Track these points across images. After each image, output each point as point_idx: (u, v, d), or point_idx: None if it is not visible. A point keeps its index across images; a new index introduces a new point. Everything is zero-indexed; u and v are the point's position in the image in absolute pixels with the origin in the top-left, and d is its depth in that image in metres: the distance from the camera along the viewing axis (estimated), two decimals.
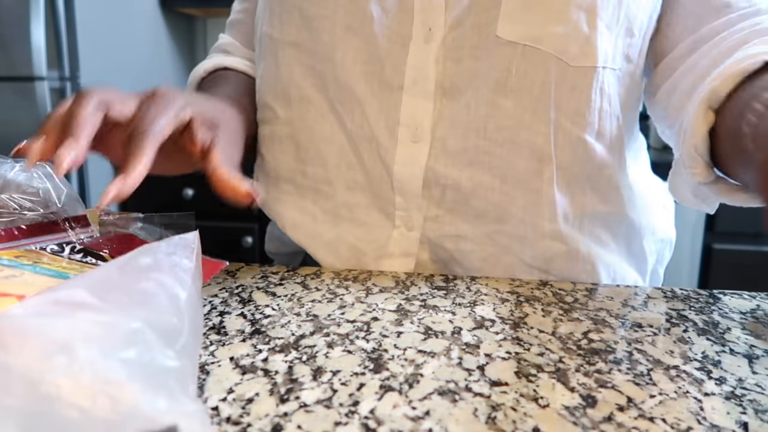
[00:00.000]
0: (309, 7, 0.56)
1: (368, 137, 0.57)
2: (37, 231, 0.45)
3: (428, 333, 0.43)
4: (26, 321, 0.25)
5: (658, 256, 0.68)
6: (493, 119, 0.54)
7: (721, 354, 0.41)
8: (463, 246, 0.58)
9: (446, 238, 0.58)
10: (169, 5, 2.20)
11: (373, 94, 0.56)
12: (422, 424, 0.31)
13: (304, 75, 0.59)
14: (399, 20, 0.54)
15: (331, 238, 0.61)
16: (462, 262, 0.59)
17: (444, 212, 0.58)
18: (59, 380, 0.22)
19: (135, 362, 0.25)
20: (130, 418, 0.22)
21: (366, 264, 0.60)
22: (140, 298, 0.29)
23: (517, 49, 0.52)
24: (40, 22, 1.62)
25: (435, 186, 0.57)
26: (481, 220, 0.57)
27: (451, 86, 0.54)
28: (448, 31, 0.53)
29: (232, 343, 0.41)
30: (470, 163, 0.56)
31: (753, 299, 0.53)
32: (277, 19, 0.59)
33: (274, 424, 0.31)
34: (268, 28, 0.60)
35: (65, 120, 0.42)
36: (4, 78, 1.65)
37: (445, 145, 0.56)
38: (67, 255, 0.43)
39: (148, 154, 0.42)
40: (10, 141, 1.70)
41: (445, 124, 0.55)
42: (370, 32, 0.55)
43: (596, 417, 0.32)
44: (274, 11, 0.59)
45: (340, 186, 0.60)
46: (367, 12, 0.54)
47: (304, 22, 0.57)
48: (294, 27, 0.58)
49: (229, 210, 1.97)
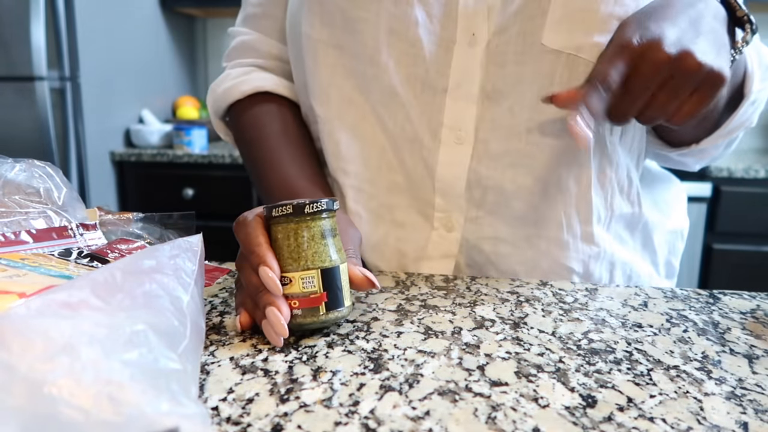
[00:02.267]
0: (352, 9, 0.57)
1: (410, 138, 0.58)
2: (45, 236, 0.45)
3: (428, 333, 0.43)
4: (29, 321, 0.25)
5: (670, 248, 0.69)
6: (536, 124, 0.56)
7: (721, 354, 0.41)
8: (502, 249, 0.59)
9: (485, 240, 0.59)
10: (169, 5, 2.20)
11: (416, 96, 0.57)
12: (422, 424, 0.31)
13: (346, 77, 0.59)
14: (443, 25, 0.55)
15: (377, 239, 0.62)
16: (498, 264, 0.60)
17: (484, 214, 0.59)
18: (62, 381, 0.22)
19: (137, 364, 0.25)
20: (132, 420, 0.22)
21: (406, 266, 0.61)
22: (143, 300, 0.29)
23: (560, 57, 0.54)
24: (40, 22, 1.62)
25: (477, 187, 0.58)
26: (520, 222, 0.59)
27: (494, 90, 0.56)
28: (492, 37, 0.55)
29: (232, 343, 0.41)
30: (512, 165, 0.57)
31: (753, 299, 0.53)
32: (317, 20, 0.59)
33: (274, 424, 0.31)
34: (307, 28, 0.60)
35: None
36: (4, 78, 1.65)
37: (487, 147, 0.57)
38: (74, 259, 0.43)
39: None
40: (10, 141, 1.70)
41: (488, 127, 0.56)
42: (414, 36, 0.56)
43: (596, 417, 0.32)
44: (313, 11, 0.59)
45: (382, 186, 0.61)
46: (412, 16, 0.55)
47: (347, 24, 0.57)
48: (336, 29, 0.58)
49: (229, 210, 1.97)
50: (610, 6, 0.52)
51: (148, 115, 2.11)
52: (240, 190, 1.94)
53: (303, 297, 0.41)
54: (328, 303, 0.41)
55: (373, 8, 0.56)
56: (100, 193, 1.91)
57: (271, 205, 0.41)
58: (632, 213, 0.62)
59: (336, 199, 0.42)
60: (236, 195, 1.95)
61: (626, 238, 0.63)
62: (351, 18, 0.57)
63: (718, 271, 1.81)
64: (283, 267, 0.41)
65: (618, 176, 0.60)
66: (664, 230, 0.67)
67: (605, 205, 0.60)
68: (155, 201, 2.00)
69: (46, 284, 0.36)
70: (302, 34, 0.61)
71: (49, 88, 1.67)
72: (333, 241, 0.42)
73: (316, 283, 0.41)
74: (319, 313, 0.41)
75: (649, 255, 0.66)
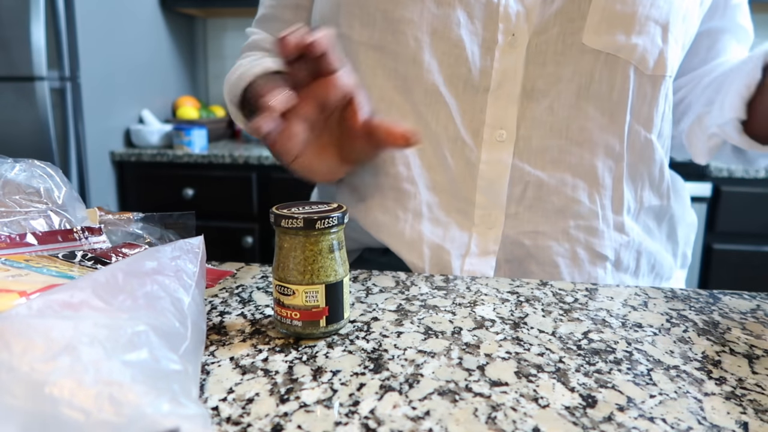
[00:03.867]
0: (394, 10, 0.58)
1: (453, 138, 0.60)
2: (50, 238, 0.45)
3: (428, 333, 0.43)
4: (30, 322, 0.25)
5: (687, 239, 0.73)
6: (576, 121, 0.58)
7: (721, 354, 0.41)
8: (541, 242, 0.61)
9: (525, 234, 0.61)
10: (169, 5, 2.20)
11: (458, 96, 0.59)
12: (422, 424, 0.31)
13: (386, 77, 0.60)
14: (485, 25, 0.57)
15: (413, 237, 0.62)
16: (538, 257, 0.61)
17: (523, 209, 0.61)
18: (63, 382, 0.22)
19: (138, 365, 0.25)
20: (132, 421, 0.22)
21: (447, 263, 0.61)
22: (144, 301, 0.29)
23: (599, 57, 0.56)
24: (40, 22, 1.62)
25: (518, 183, 0.60)
26: (559, 215, 0.60)
27: (534, 89, 0.58)
28: (532, 37, 0.57)
29: (232, 343, 0.41)
30: (552, 161, 0.59)
31: (753, 299, 0.53)
32: (357, 21, 0.60)
33: (274, 424, 0.31)
34: (347, 29, 0.61)
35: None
36: (4, 78, 1.65)
37: (529, 144, 0.59)
38: (78, 261, 0.43)
39: None
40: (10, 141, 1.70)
41: (529, 125, 0.59)
42: (456, 36, 0.57)
43: (596, 417, 0.32)
44: (353, 13, 0.60)
45: (422, 186, 0.62)
46: (453, 17, 0.57)
47: (389, 25, 0.59)
48: (377, 30, 0.59)
49: (229, 210, 1.97)
50: (647, 9, 0.55)
51: (148, 115, 2.11)
52: (240, 190, 1.94)
53: (305, 310, 0.40)
54: (329, 317, 0.41)
55: (417, 9, 0.57)
56: (100, 193, 1.91)
57: (279, 212, 0.40)
58: (660, 206, 0.65)
59: (346, 211, 0.42)
60: (236, 195, 1.95)
61: (653, 229, 0.66)
62: (393, 19, 0.58)
63: (718, 271, 1.81)
64: (287, 277, 0.40)
65: (650, 170, 0.63)
66: (685, 223, 0.71)
67: (635, 197, 0.63)
68: (155, 201, 2.00)
69: (48, 283, 0.36)
70: (341, 36, 0.62)
71: (49, 88, 1.67)
72: (339, 254, 0.41)
73: (320, 298, 0.40)
74: (320, 326, 0.41)
75: (672, 246, 0.69)
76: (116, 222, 0.53)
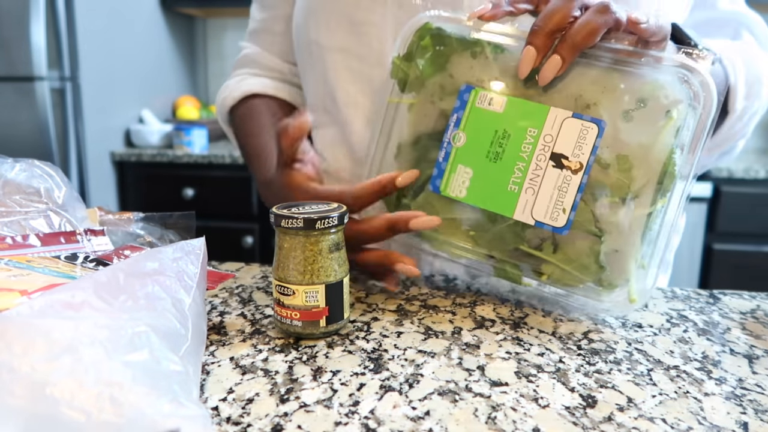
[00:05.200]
0: (357, 12, 0.58)
1: None
2: (52, 240, 0.45)
3: (428, 333, 0.43)
4: (31, 322, 0.25)
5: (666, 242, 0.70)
6: None
7: (721, 354, 0.41)
8: None
9: None
10: (169, 5, 2.20)
11: None
12: (422, 424, 0.31)
13: (352, 80, 0.61)
14: None
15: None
16: None
17: None
18: (63, 382, 0.23)
19: (139, 366, 0.25)
20: (133, 421, 0.22)
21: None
22: (145, 302, 0.29)
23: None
24: (40, 22, 1.62)
25: None
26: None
27: None
28: None
29: (232, 343, 0.41)
30: None
31: (753, 299, 0.53)
32: (324, 26, 0.61)
33: (274, 424, 0.31)
34: (314, 35, 0.62)
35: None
36: (4, 78, 1.65)
37: None
38: (80, 263, 0.43)
39: None
40: (10, 141, 1.70)
41: None
42: None
43: (596, 417, 0.32)
44: (320, 19, 0.61)
45: None
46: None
47: (353, 27, 0.59)
48: (342, 33, 0.60)
49: (229, 210, 1.97)
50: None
51: (149, 115, 2.11)
52: (240, 190, 1.94)
53: (305, 310, 0.40)
54: (329, 317, 0.41)
55: (379, 11, 0.57)
56: (100, 193, 1.91)
57: (279, 212, 0.41)
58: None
59: (346, 212, 0.42)
60: (236, 195, 1.95)
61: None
62: (357, 21, 0.58)
63: (718, 271, 1.81)
64: (287, 277, 0.40)
65: None
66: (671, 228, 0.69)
67: None
68: (155, 201, 2.00)
69: (49, 283, 0.36)
70: (311, 42, 0.63)
71: (49, 88, 1.67)
72: (339, 254, 0.41)
73: (320, 297, 0.40)
74: (319, 326, 0.41)
75: None
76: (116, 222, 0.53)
